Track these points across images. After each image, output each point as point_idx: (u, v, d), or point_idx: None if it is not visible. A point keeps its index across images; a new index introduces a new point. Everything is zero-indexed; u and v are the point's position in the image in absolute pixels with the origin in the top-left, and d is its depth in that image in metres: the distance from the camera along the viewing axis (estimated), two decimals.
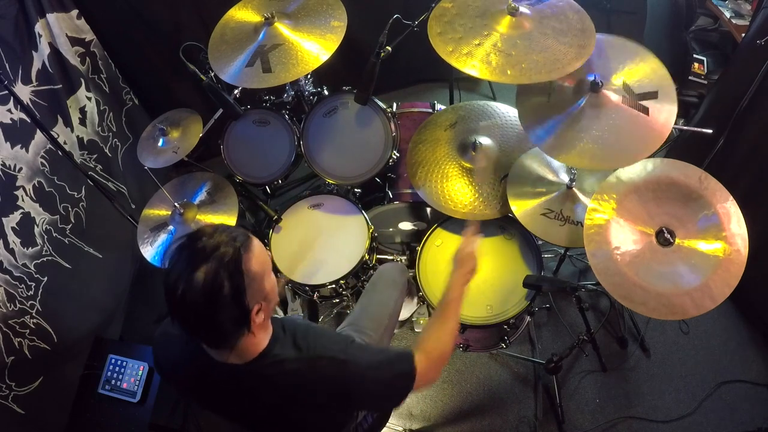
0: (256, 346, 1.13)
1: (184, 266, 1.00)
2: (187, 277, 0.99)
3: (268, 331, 1.16)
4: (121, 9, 2.45)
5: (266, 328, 1.15)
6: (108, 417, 1.94)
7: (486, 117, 2.11)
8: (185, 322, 1.04)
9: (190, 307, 1.01)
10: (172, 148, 2.09)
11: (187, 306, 1.01)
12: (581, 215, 1.77)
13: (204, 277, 0.99)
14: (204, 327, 1.05)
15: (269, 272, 1.11)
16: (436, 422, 2.21)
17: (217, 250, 1.01)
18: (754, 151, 2.05)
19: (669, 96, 1.64)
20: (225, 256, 1.01)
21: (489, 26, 1.69)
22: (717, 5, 2.58)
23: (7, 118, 2.01)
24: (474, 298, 1.88)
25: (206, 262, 1.00)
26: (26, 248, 2.04)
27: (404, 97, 3.21)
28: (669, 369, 2.23)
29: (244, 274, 1.02)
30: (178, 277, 1.00)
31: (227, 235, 1.05)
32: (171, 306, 1.03)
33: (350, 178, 2.20)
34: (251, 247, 1.07)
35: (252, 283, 1.04)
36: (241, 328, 1.06)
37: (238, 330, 1.07)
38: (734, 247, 1.51)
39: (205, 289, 0.99)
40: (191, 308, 1.01)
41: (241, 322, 1.05)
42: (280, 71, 1.90)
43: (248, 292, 1.03)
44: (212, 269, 0.99)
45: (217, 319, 1.02)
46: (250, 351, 1.12)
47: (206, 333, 1.07)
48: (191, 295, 0.99)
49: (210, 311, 1.01)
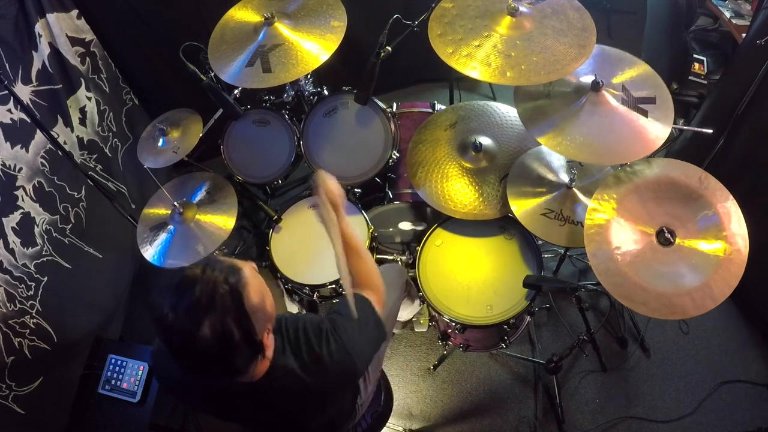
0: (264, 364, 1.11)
1: (186, 325, 0.93)
2: (195, 335, 0.92)
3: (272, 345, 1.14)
4: (121, 9, 2.45)
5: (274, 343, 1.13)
6: (108, 417, 1.94)
7: (486, 117, 2.11)
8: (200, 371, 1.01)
9: (204, 361, 0.97)
10: (172, 148, 2.09)
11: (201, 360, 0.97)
12: (581, 215, 1.77)
13: (212, 332, 0.93)
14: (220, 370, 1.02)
15: (267, 292, 1.05)
16: (436, 422, 2.21)
17: (214, 296, 0.94)
18: (754, 150, 2.05)
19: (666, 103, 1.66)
20: (225, 301, 0.94)
21: (489, 27, 1.70)
22: (717, 5, 2.58)
23: (7, 118, 2.01)
24: (474, 298, 1.88)
25: (208, 314, 0.93)
26: (26, 248, 2.04)
27: (404, 97, 3.21)
28: (669, 369, 2.23)
29: (249, 312, 0.97)
30: (183, 339, 0.94)
31: (219, 272, 0.97)
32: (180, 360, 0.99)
33: (350, 178, 2.20)
34: (246, 279, 0.99)
35: (257, 316, 0.99)
36: (256, 359, 1.05)
37: (254, 360, 1.05)
38: (735, 247, 1.51)
39: (216, 343, 0.94)
40: (205, 361, 0.97)
41: (255, 354, 1.03)
42: (279, 71, 1.90)
43: (257, 327, 0.99)
44: (217, 321, 0.93)
45: (233, 362, 1.00)
46: (261, 369, 1.11)
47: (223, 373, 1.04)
48: (202, 351, 0.94)
49: (225, 358, 0.98)
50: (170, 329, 0.94)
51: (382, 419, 1.63)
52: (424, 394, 2.29)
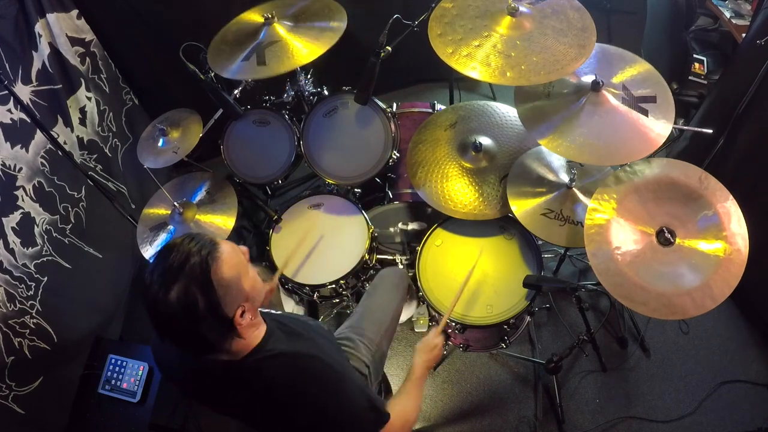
0: (248, 344, 1.14)
1: (157, 287, 1.00)
2: (162, 298, 0.99)
3: (260, 327, 1.17)
4: (121, 9, 2.45)
5: (256, 325, 1.16)
6: (108, 417, 1.94)
7: (486, 117, 2.11)
8: (171, 338, 1.05)
9: (171, 327, 1.02)
10: (172, 148, 2.09)
11: (168, 326, 1.02)
12: (581, 215, 1.77)
13: (177, 297, 0.99)
14: (189, 342, 1.06)
15: (245, 272, 1.10)
16: (436, 422, 2.21)
17: (185, 264, 1.00)
18: (754, 150, 2.05)
19: (667, 101, 1.65)
20: (193, 271, 1.00)
21: (489, 27, 1.69)
22: (717, 5, 2.58)
23: (7, 118, 2.01)
24: (474, 298, 1.88)
25: (176, 280, 0.99)
26: (26, 248, 2.04)
27: (404, 97, 3.22)
28: (669, 369, 2.23)
29: (216, 284, 1.02)
30: (154, 299, 1.00)
31: (194, 243, 1.04)
32: (155, 326, 1.04)
33: (350, 178, 2.20)
34: (219, 254, 1.04)
35: (228, 291, 1.04)
36: (227, 335, 1.07)
37: (225, 337, 1.08)
38: (735, 247, 1.51)
39: (180, 309, 0.99)
40: (172, 327, 1.02)
41: (225, 330, 1.06)
42: (273, 63, 1.92)
43: (226, 301, 1.03)
44: (183, 287, 0.99)
45: (201, 332, 1.03)
46: (243, 349, 1.13)
47: (196, 346, 1.08)
48: (169, 316, 1.00)
49: (191, 328, 1.02)
50: (146, 292, 1.02)
51: None
52: (424, 394, 2.28)
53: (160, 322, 1.02)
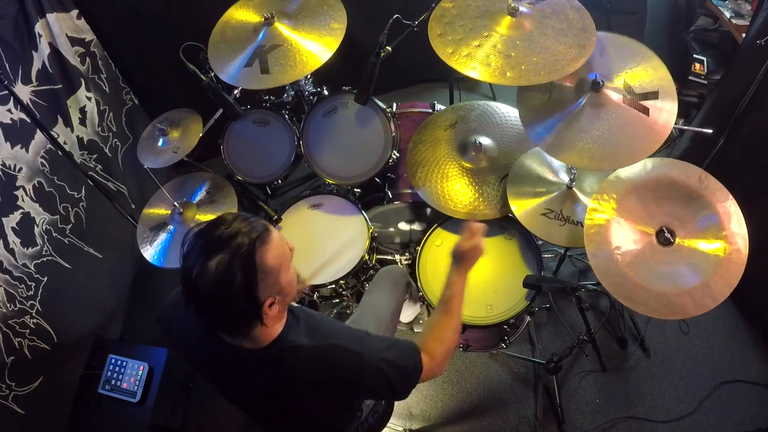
0: (270, 334, 1.14)
1: (199, 253, 1.00)
2: (201, 264, 0.99)
3: (282, 320, 1.17)
4: (121, 9, 2.45)
5: (280, 318, 1.16)
6: (108, 417, 1.94)
7: (486, 117, 2.11)
8: (198, 308, 1.05)
9: (202, 295, 1.01)
10: (172, 148, 2.09)
11: (200, 293, 1.01)
12: (581, 215, 1.77)
13: (216, 266, 0.98)
14: (216, 316, 1.06)
15: (287, 267, 1.10)
16: (436, 422, 2.21)
17: (233, 240, 1.01)
18: (754, 150, 2.05)
19: (670, 96, 1.64)
20: (240, 247, 1.00)
21: (489, 27, 1.69)
22: (717, 5, 2.58)
23: (7, 118, 2.01)
24: (474, 298, 1.88)
25: (221, 251, 0.99)
26: (26, 248, 2.04)
27: (404, 97, 3.21)
28: (669, 369, 2.23)
29: (258, 267, 1.02)
30: (193, 263, 1.00)
31: (247, 224, 1.04)
32: (185, 290, 1.03)
33: (350, 178, 2.20)
34: (269, 239, 1.05)
35: (266, 277, 1.03)
36: (252, 320, 1.07)
37: (250, 321, 1.07)
38: (734, 247, 1.51)
39: (217, 279, 0.99)
40: (203, 296, 1.01)
41: (252, 315, 1.06)
42: (277, 73, 1.91)
43: (261, 286, 1.03)
44: (225, 259, 0.99)
45: (228, 309, 1.03)
46: (263, 338, 1.13)
47: (218, 321, 1.08)
48: (203, 283, 0.99)
49: (221, 301, 1.02)
50: (187, 255, 1.02)
51: (383, 420, 1.63)
52: (424, 394, 2.28)
53: (191, 288, 1.01)
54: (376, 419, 1.58)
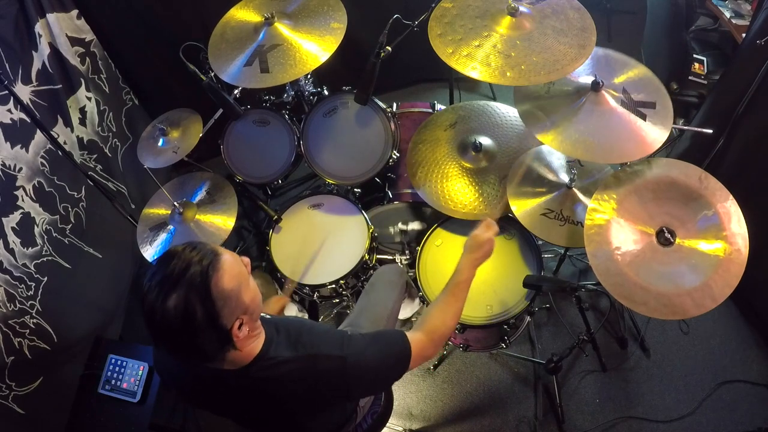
0: (249, 353, 1.12)
1: (155, 294, 0.98)
2: (160, 306, 0.97)
3: (259, 338, 1.15)
4: (121, 9, 2.45)
5: (255, 337, 1.14)
6: (108, 417, 1.94)
7: (486, 117, 2.11)
8: (168, 347, 1.03)
9: (168, 335, 1.00)
10: (172, 148, 2.09)
11: (165, 333, 1.00)
12: (581, 215, 1.77)
13: (175, 306, 0.97)
14: (187, 351, 1.04)
15: (246, 284, 1.08)
16: (436, 422, 2.22)
17: (185, 273, 0.99)
18: (754, 150, 2.05)
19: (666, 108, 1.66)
20: (193, 280, 0.98)
21: (489, 27, 1.70)
22: (717, 5, 2.58)
23: (7, 118, 2.01)
24: (474, 298, 1.88)
25: (175, 288, 0.98)
26: (26, 248, 2.04)
27: (404, 97, 3.21)
28: (669, 369, 2.23)
29: (215, 297, 1.00)
30: (152, 305, 0.98)
31: (196, 252, 1.02)
32: (152, 333, 1.02)
33: (350, 178, 2.20)
34: (220, 265, 1.02)
35: (227, 303, 1.02)
36: (224, 346, 1.06)
37: (223, 347, 1.06)
38: (735, 247, 1.51)
39: (178, 318, 0.97)
40: (169, 336, 1.00)
41: (223, 341, 1.04)
42: (277, 71, 1.91)
43: (224, 313, 1.01)
44: (182, 296, 0.97)
45: (197, 343, 1.02)
46: (243, 358, 1.12)
47: (191, 355, 1.06)
48: (166, 324, 0.98)
49: (188, 337, 1.00)
50: (144, 298, 1.00)
51: (383, 420, 1.63)
52: (424, 394, 2.29)
53: (156, 330, 1.00)
54: (375, 419, 1.58)
